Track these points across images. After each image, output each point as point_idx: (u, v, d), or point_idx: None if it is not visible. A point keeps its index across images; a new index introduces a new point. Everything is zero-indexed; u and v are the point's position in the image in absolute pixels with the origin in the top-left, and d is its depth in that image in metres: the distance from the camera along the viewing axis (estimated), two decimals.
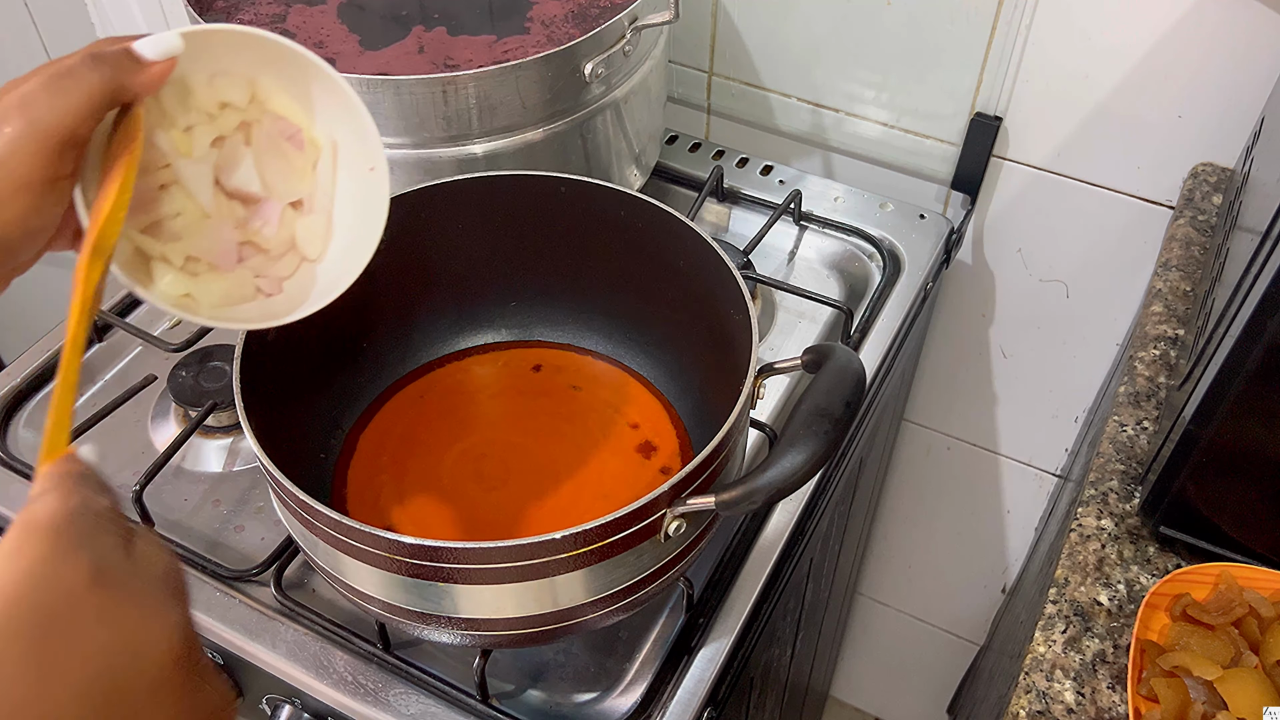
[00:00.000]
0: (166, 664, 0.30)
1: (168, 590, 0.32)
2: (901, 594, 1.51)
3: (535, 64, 0.75)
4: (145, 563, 0.33)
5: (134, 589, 0.31)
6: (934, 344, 1.18)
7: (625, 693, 0.68)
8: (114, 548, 0.32)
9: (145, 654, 0.30)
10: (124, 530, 0.34)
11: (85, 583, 0.30)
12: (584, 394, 0.78)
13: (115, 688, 0.28)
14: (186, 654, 0.31)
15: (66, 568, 0.30)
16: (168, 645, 0.30)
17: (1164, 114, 0.90)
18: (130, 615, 0.30)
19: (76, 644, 0.28)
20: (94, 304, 0.46)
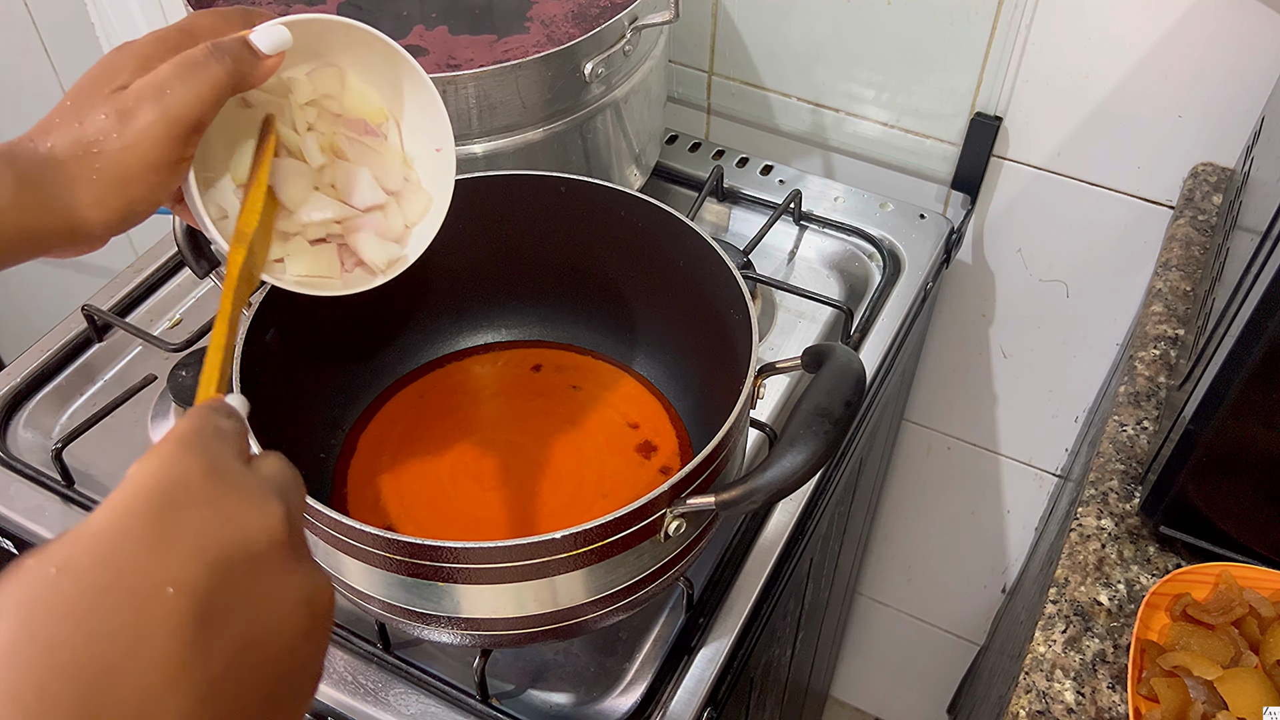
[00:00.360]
0: (265, 544, 0.34)
1: (276, 491, 0.37)
2: (901, 594, 1.51)
3: (535, 64, 0.75)
4: (259, 469, 0.38)
5: (241, 483, 0.36)
6: (934, 344, 1.18)
7: (625, 693, 0.68)
8: (229, 454, 0.37)
9: (247, 533, 0.34)
10: (242, 444, 0.39)
11: (199, 475, 0.35)
12: (584, 394, 0.78)
13: (220, 558, 0.33)
14: (286, 540, 0.35)
15: (185, 462, 0.35)
16: (267, 529, 0.34)
17: (1164, 114, 0.90)
18: (234, 501, 0.34)
19: (188, 521, 0.33)
20: (240, 283, 0.51)
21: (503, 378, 0.79)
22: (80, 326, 0.89)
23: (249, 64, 0.49)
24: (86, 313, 0.88)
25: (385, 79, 0.59)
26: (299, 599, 0.34)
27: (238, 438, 0.39)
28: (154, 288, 0.94)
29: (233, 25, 0.52)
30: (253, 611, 0.32)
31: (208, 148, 0.54)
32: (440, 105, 0.58)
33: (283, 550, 0.34)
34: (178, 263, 0.96)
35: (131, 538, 0.32)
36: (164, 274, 0.95)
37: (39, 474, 0.79)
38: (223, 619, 0.31)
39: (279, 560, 0.34)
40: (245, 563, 0.33)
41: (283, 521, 0.35)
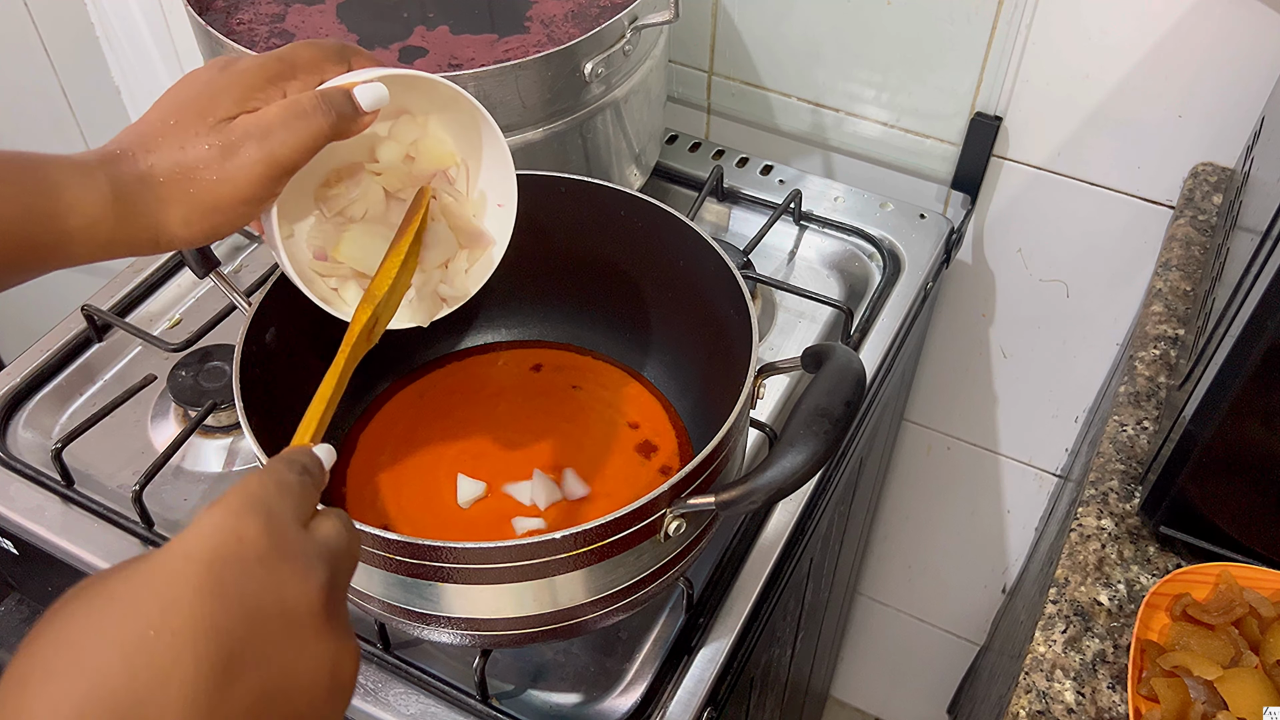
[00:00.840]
0: (301, 608, 0.36)
1: (324, 556, 0.39)
2: (901, 594, 1.51)
3: (535, 63, 0.75)
4: (316, 531, 0.40)
5: (291, 547, 0.38)
6: (934, 344, 1.18)
7: (625, 693, 0.68)
8: (288, 514, 0.39)
9: (286, 595, 0.36)
10: (306, 501, 0.41)
11: (254, 534, 0.37)
12: (584, 394, 0.78)
13: (255, 614, 0.35)
14: (323, 606, 0.37)
15: (244, 521, 0.37)
16: (305, 594, 0.37)
17: (1164, 114, 0.90)
18: (279, 564, 0.37)
19: (234, 578, 0.35)
20: (359, 341, 0.56)
21: (503, 378, 0.79)
22: (80, 326, 0.89)
23: (350, 119, 0.52)
24: (86, 313, 0.88)
25: (460, 129, 0.61)
26: (325, 662, 0.36)
27: (303, 493, 0.41)
28: (154, 288, 0.94)
29: (330, 61, 0.54)
30: (278, 667, 0.35)
31: None
32: (509, 160, 0.60)
33: (317, 616, 0.37)
34: (178, 263, 0.96)
35: (183, 581, 0.35)
36: (164, 274, 0.95)
37: (39, 474, 0.79)
38: (249, 669, 0.34)
39: (311, 624, 0.36)
40: (279, 621, 0.35)
41: (322, 589, 0.37)
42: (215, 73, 0.51)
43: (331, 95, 0.51)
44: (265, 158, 0.49)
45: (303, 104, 0.50)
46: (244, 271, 0.96)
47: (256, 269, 0.96)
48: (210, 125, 0.49)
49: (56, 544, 0.75)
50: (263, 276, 0.93)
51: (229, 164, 0.49)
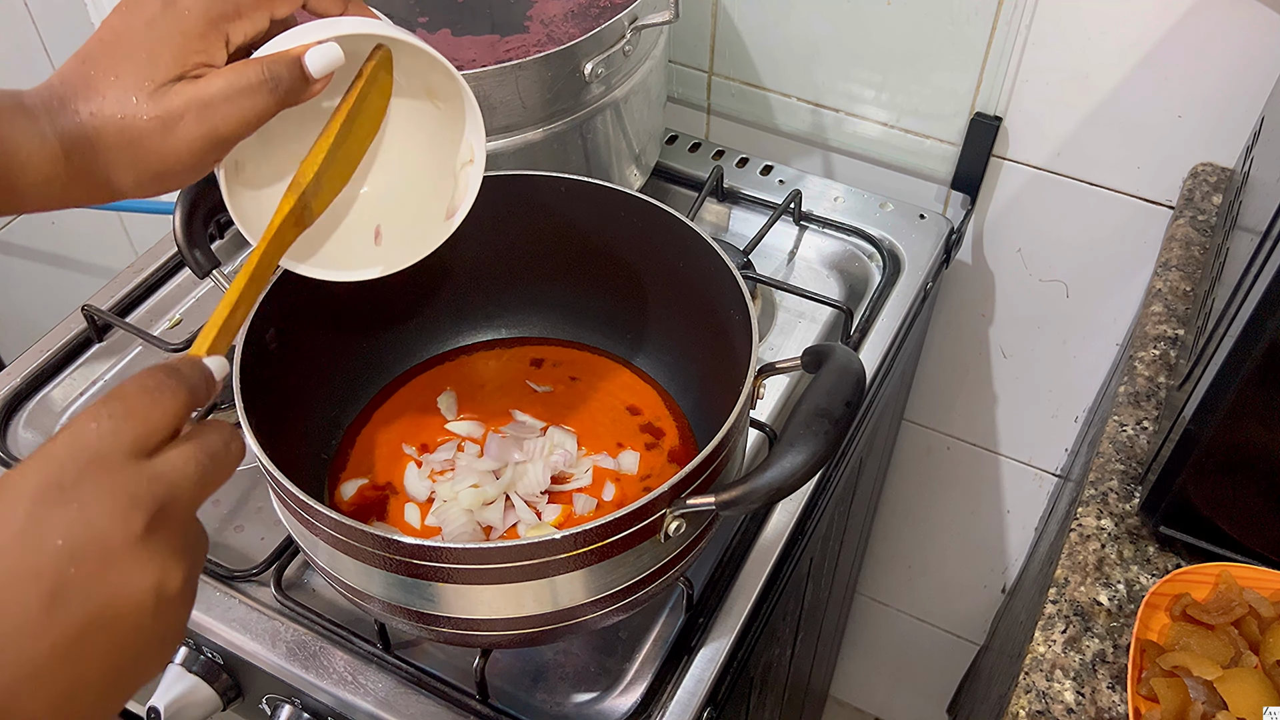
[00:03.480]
0: (118, 541, 0.38)
1: (153, 489, 0.39)
2: (901, 594, 1.51)
3: (535, 64, 0.75)
4: (152, 463, 0.40)
5: (115, 482, 0.38)
6: (934, 344, 1.18)
7: (625, 693, 0.68)
8: (117, 449, 0.39)
9: (102, 529, 0.38)
10: (149, 429, 0.40)
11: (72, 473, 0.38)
12: (583, 384, 0.78)
13: (74, 548, 0.37)
14: (143, 537, 0.38)
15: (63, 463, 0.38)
16: (122, 528, 0.38)
17: (1164, 114, 0.90)
18: (100, 500, 0.38)
19: (53, 516, 0.37)
20: (282, 231, 0.53)
21: (503, 372, 0.79)
22: (80, 326, 0.89)
23: (298, 90, 0.51)
24: (86, 313, 0.88)
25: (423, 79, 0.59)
26: (147, 586, 0.38)
27: (152, 417, 0.40)
28: (154, 288, 0.94)
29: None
30: (99, 597, 0.37)
31: None
32: (479, 117, 0.58)
33: (134, 545, 0.38)
34: (178, 263, 0.96)
35: (6, 524, 0.37)
36: (164, 274, 0.95)
37: None
38: (69, 601, 0.36)
39: (129, 553, 0.38)
40: (96, 554, 0.37)
41: (142, 519, 0.38)
42: (158, 10, 0.49)
43: (279, 68, 0.50)
44: (207, 133, 0.49)
45: (247, 77, 0.49)
46: None
47: None
48: (149, 91, 0.48)
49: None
50: None
51: (170, 138, 0.49)
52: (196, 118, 0.49)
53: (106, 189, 0.50)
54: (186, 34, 0.49)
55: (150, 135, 0.49)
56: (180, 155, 0.49)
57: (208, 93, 0.49)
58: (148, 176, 0.50)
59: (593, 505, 0.70)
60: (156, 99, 0.48)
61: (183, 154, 0.49)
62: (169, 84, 0.49)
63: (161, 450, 0.40)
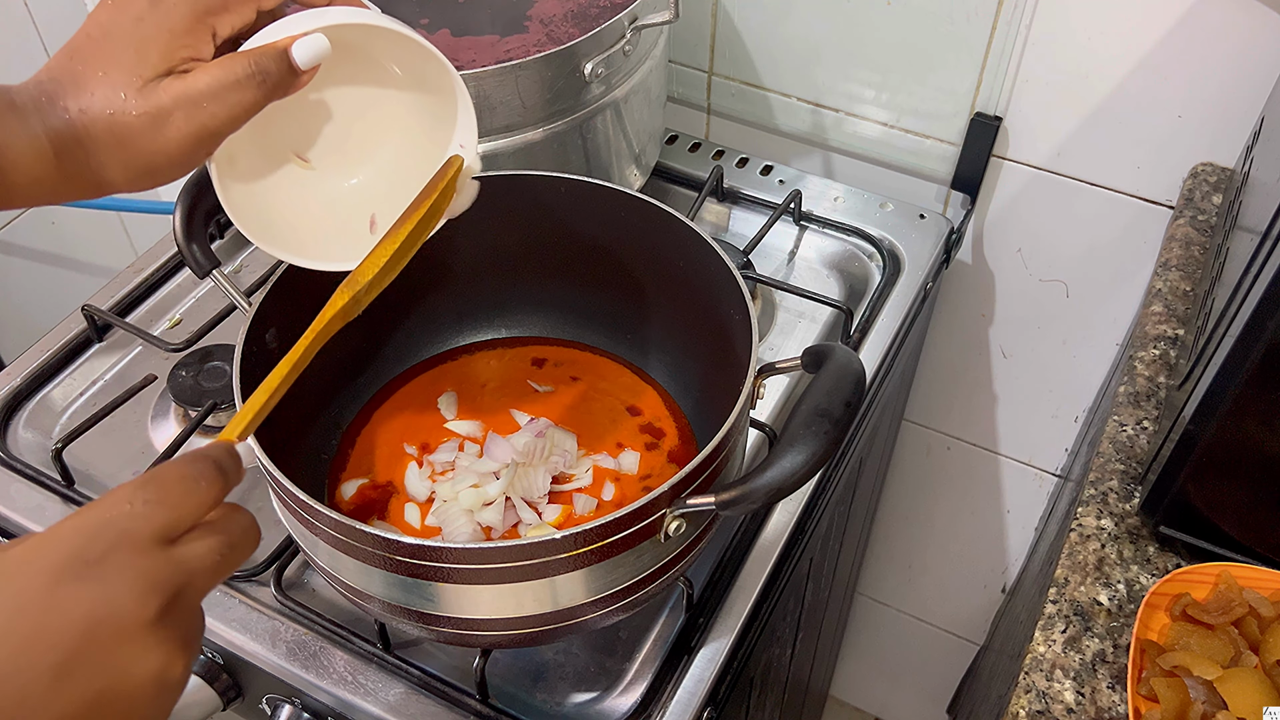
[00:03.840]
0: (132, 624, 0.38)
1: (173, 577, 0.39)
2: (901, 594, 1.51)
3: (535, 64, 0.75)
4: (175, 551, 0.40)
5: (134, 567, 0.38)
6: (934, 344, 1.18)
7: (625, 693, 0.68)
8: (143, 533, 0.39)
9: (120, 610, 0.38)
10: (177, 516, 0.41)
11: (99, 551, 0.38)
12: (584, 384, 0.78)
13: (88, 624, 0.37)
14: (156, 623, 0.38)
15: (90, 539, 0.38)
16: (138, 612, 0.38)
17: (1164, 114, 0.90)
18: (120, 582, 0.38)
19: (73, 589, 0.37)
20: (331, 322, 0.55)
21: (504, 372, 0.79)
22: (80, 326, 0.89)
23: (286, 83, 0.51)
24: (86, 313, 0.88)
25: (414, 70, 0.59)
26: (153, 671, 0.38)
27: (182, 505, 0.41)
28: (154, 288, 0.94)
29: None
30: (107, 675, 0.37)
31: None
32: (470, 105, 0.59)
33: (148, 629, 0.38)
34: (178, 263, 0.96)
35: (28, 591, 0.37)
36: (164, 274, 0.95)
37: (39, 474, 0.79)
38: (79, 675, 0.36)
39: (141, 637, 0.38)
40: (111, 633, 0.37)
41: (159, 605, 0.39)
42: (145, 7, 0.49)
43: (266, 61, 0.50)
44: (196, 130, 0.49)
45: (235, 72, 0.49)
46: (244, 271, 0.96)
47: (257, 269, 0.96)
48: (137, 88, 0.48)
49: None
50: (263, 276, 0.93)
51: (160, 135, 0.49)
52: (185, 114, 0.49)
53: (98, 185, 0.50)
54: (174, 30, 0.49)
55: (140, 132, 0.49)
56: (170, 151, 0.49)
57: (195, 89, 0.49)
58: (138, 172, 0.50)
59: (593, 505, 0.70)
60: (145, 96, 0.48)
61: (172, 150, 0.49)
62: (157, 80, 0.49)
63: (185, 538, 0.41)
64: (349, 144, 0.61)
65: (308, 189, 0.61)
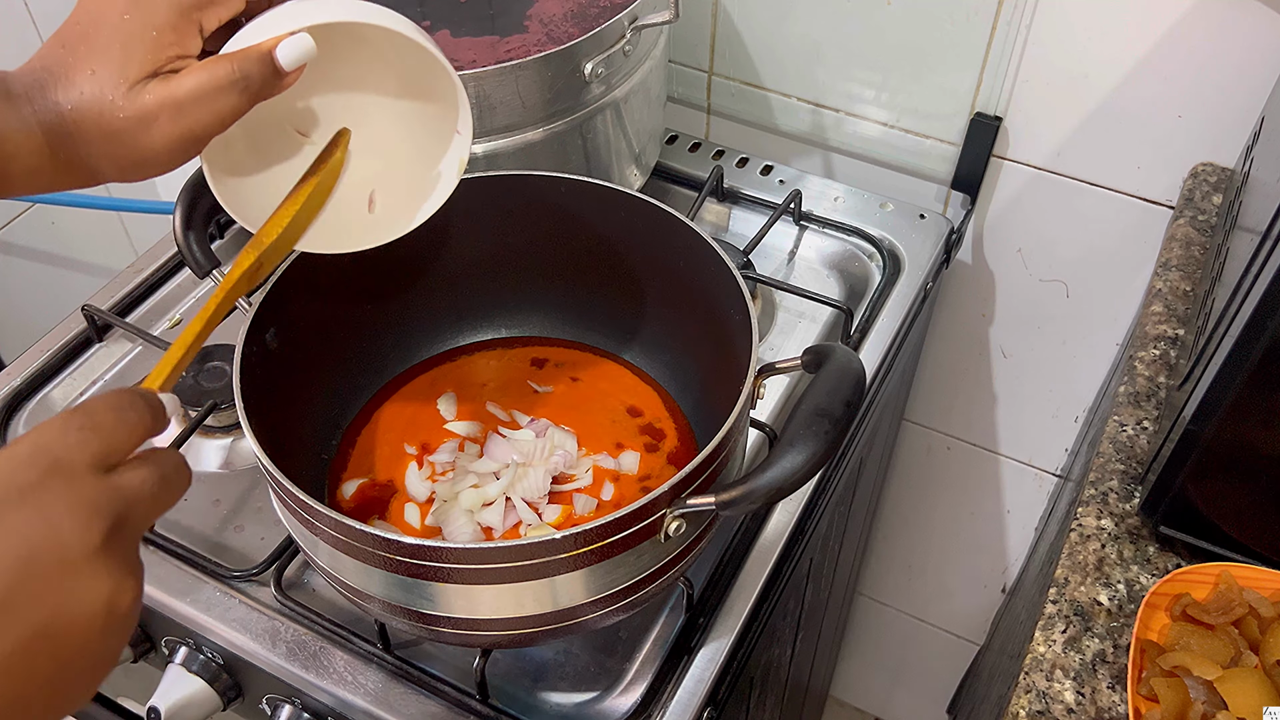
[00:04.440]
0: (76, 550, 0.37)
1: (113, 503, 0.39)
2: (901, 594, 1.51)
3: (535, 64, 0.75)
4: (113, 478, 0.40)
5: (74, 492, 0.38)
6: (934, 344, 1.18)
7: (625, 693, 0.68)
8: (79, 460, 0.39)
9: (61, 537, 0.37)
10: (110, 447, 0.40)
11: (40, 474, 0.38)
12: (584, 384, 0.78)
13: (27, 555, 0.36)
14: (100, 547, 0.38)
15: (25, 467, 0.38)
16: (81, 538, 0.37)
17: (1164, 114, 0.90)
18: (58, 506, 0.37)
19: (10, 519, 0.36)
20: (237, 284, 0.55)
21: (504, 371, 0.79)
22: (80, 326, 0.89)
23: (270, 85, 0.51)
24: (86, 313, 0.88)
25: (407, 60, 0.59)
26: (100, 600, 0.37)
27: (115, 435, 0.40)
28: (154, 288, 0.94)
29: None
30: (50, 605, 0.36)
31: None
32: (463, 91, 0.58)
33: (93, 556, 0.37)
34: (178, 263, 0.96)
35: None
36: (164, 274, 0.95)
37: None
38: (20, 607, 0.35)
39: (86, 565, 0.37)
40: (52, 562, 0.36)
41: (101, 532, 0.38)
42: (129, 2, 0.50)
43: (249, 65, 0.50)
44: (182, 133, 0.50)
45: (218, 77, 0.49)
46: None
47: None
48: (124, 90, 0.49)
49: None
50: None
51: (146, 136, 0.49)
52: (170, 118, 0.49)
53: (91, 175, 0.51)
54: (159, 27, 0.49)
55: (127, 132, 0.49)
56: (158, 151, 0.50)
57: (180, 93, 0.49)
58: (129, 165, 0.51)
59: (593, 505, 0.70)
60: (131, 98, 0.49)
61: (160, 150, 0.50)
62: (143, 82, 0.49)
63: (119, 469, 0.40)
64: (344, 124, 0.61)
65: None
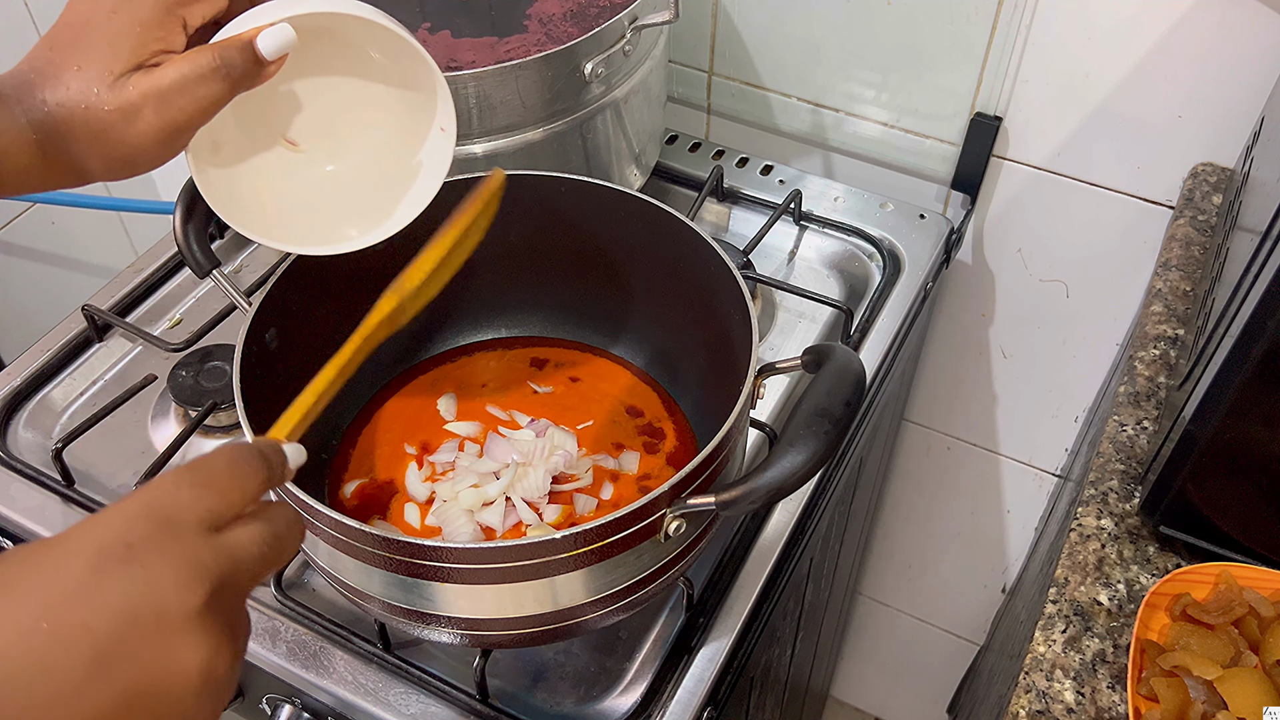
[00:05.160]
0: (175, 610, 0.37)
1: (218, 565, 0.38)
2: (901, 594, 1.51)
3: (535, 64, 0.75)
4: (220, 538, 0.39)
5: (179, 554, 0.37)
6: (934, 344, 1.18)
7: (625, 693, 0.68)
8: (188, 519, 0.38)
9: (162, 598, 0.36)
10: (223, 505, 0.40)
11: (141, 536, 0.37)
12: (584, 385, 0.78)
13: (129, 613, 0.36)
14: (200, 609, 0.37)
15: (135, 523, 0.37)
16: (181, 599, 0.37)
17: (1164, 114, 0.90)
18: (163, 570, 0.37)
19: (115, 577, 0.36)
20: (376, 329, 0.55)
21: (503, 372, 0.79)
22: (80, 326, 0.89)
23: (252, 75, 0.52)
24: (86, 313, 0.88)
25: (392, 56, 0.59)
26: (195, 665, 0.37)
27: (228, 492, 0.40)
28: (154, 288, 0.94)
29: None
30: (146, 668, 0.36)
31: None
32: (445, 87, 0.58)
33: (192, 620, 0.37)
34: (178, 263, 0.96)
35: (67, 577, 0.36)
36: (164, 274, 0.95)
37: (39, 474, 0.79)
38: (116, 667, 0.35)
39: (185, 627, 0.37)
40: (152, 624, 0.36)
41: (203, 595, 0.37)
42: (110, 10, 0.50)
43: (231, 54, 0.51)
44: (166, 123, 0.50)
45: (200, 66, 0.50)
46: (244, 271, 0.96)
47: (257, 269, 0.96)
48: (109, 83, 0.49)
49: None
50: (263, 276, 0.93)
51: (131, 129, 0.50)
52: (154, 109, 0.49)
53: (79, 174, 0.51)
54: (144, 23, 0.50)
55: (113, 126, 0.49)
56: (143, 144, 0.50)
57: (163, 83, 0.49)
58: (116, 162, 0.51)
59: (593, 505, 0.70)
60: (116, 91, 0.49)
61: (145, 143, 0.50)
62: (127, 75, 0.49)
63: (231, 527, 0.40)
64: (335, 128, 0.61)
65: (293, 174, 0.61)
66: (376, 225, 0.61)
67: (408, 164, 0.62)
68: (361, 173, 0.62)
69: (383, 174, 0.62)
